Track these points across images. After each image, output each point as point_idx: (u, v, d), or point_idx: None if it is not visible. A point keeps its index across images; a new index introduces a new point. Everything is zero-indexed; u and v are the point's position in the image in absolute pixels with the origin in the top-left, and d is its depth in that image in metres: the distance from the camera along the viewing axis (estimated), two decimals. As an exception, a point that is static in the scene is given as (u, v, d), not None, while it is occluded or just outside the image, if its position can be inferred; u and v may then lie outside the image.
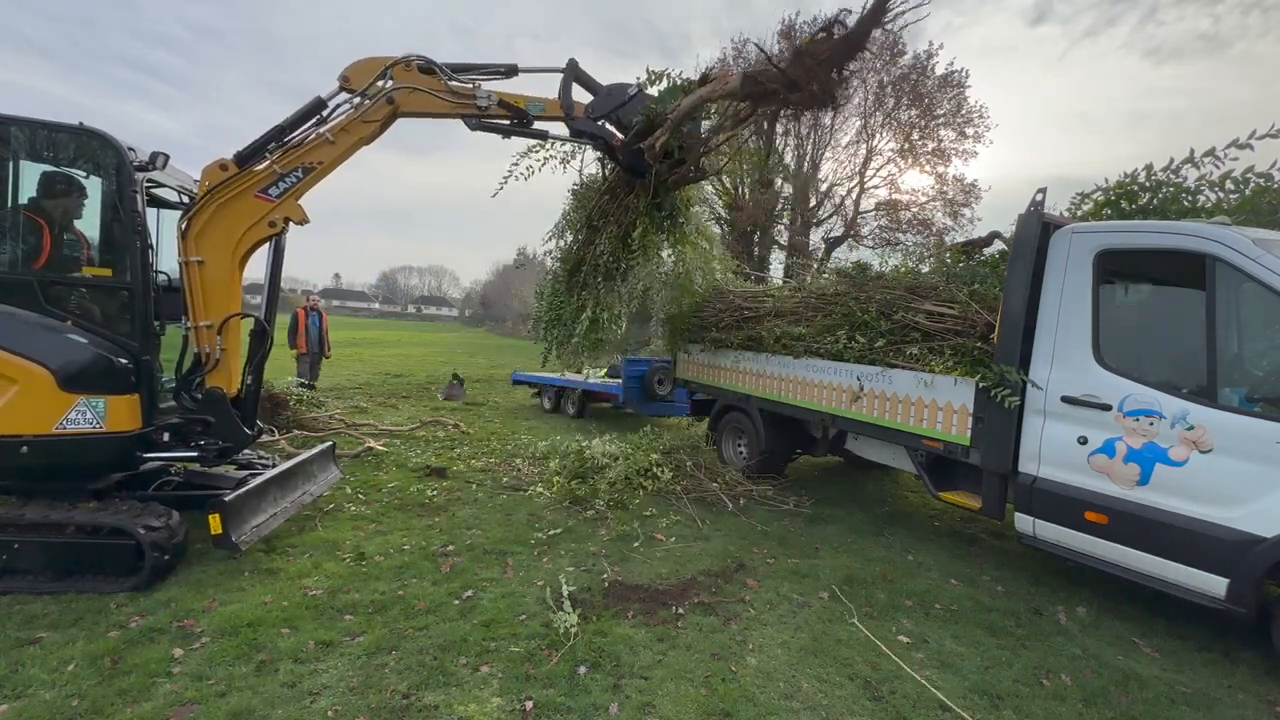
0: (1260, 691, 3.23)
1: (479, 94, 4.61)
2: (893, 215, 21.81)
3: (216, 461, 4.54)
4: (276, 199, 4.25)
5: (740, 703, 2.86)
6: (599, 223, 5.73)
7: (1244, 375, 3.47)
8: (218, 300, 4.22)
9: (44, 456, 3.75)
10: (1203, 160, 4.46)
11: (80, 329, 3.90)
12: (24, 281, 3.81)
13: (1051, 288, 4.06)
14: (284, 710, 2.67)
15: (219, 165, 4.18)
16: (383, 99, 4.43)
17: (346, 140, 4.39)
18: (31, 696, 2.70)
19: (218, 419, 4.31)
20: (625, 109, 4.87)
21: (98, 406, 3.82)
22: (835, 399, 5.58)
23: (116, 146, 3.96)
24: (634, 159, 4.99)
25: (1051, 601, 4.15)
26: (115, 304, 4.08)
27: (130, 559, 3.76)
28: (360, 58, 4.47)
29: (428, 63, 4.53)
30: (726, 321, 6.91)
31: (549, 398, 11.78)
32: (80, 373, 3.78)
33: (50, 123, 3.93)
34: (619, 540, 4.89)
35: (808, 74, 3.88)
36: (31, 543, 3.72)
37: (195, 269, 4.13)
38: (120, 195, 3.99)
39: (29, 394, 3.67)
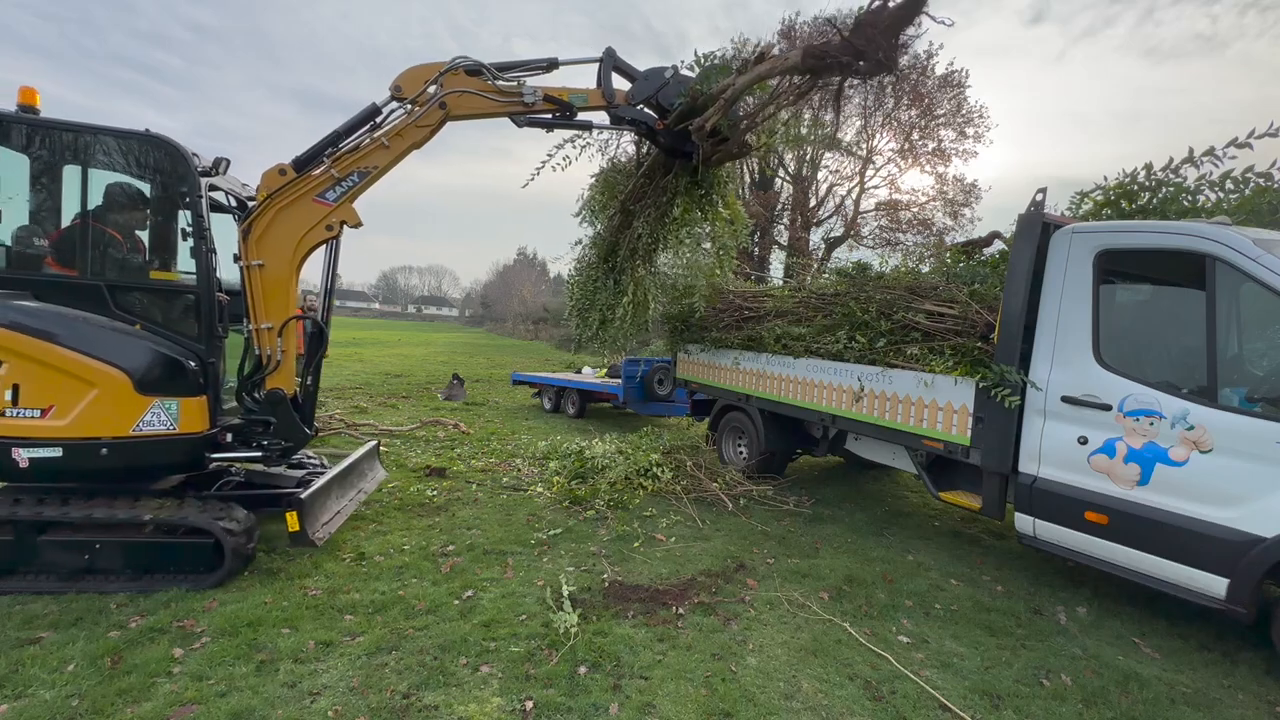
0: (1260, 691, 3.23)
1: (525, 91, 4.71)
2: (893, 215, 21.80)
3: (278, 461, 4.65)
4: (333, 203, 4.36)
5: (740, 703, 2.86)
6: (634, 206, 5.81)
7: (1244, 375, 3.47)
8: (278, 303, 4.32)
9: (122, 458, 3.82)
10: (1202, 160, 4.46)
11: (149, 333, 3.98)
12: (93, 286, 3.87)
13: (1051, 288, 4.06)
14: (284, 710, 2.68)
15: (278, 170, 4.29)
16: (435, 104, 4.54)
17: (400, 145, 4.50)
18: (31, 696, 2.70)
19: (279, 419, 4.40)
20: (664, 92, 4.96)
21: (171, 408, 3.92)
22: (835, 399, 5.58)
23: (182, 152, 4.04)
24: (676, 140, 5.10)
25: (1051, 601, 4.15)
26: (182, 308, 4.17)
27: (209, 557, 3.87)
28: (409, 66, 4.62)
29: (474, 64, 4.63)
30: (726, 321, 6.91)
31: (549, 398, 11.78)
32: (155, 376, 3.86)
33: (117, 129, 3.97)
34: (619, 540, 4.89)
35: (871, 42, 4.02)
36: (112, 543, 3.79)
37: (256, 272, 4.23)
38: (186, 200, 4.09)
39: (108, 397, 3.75)
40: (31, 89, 3.82)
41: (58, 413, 3.70)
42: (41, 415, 3.68)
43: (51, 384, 3.68)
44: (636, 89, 5.05)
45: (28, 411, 3.65)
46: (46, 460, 3.67)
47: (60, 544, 3.76)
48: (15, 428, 3.63)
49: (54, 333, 3.66)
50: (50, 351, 3.64)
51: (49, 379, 3.67)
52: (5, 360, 3.59)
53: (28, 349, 3.60)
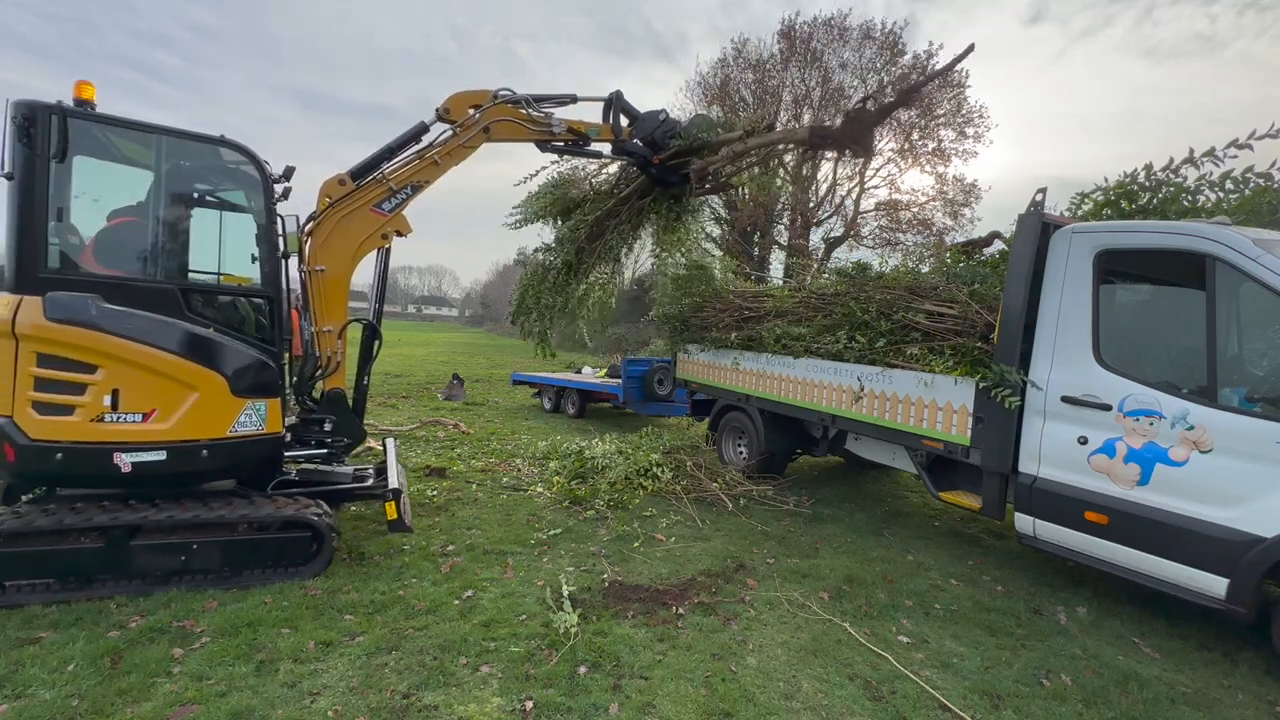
0: (1260, 691, 3.23)
1: (553, 123, 5.40)
2: (893, 215, 21.79)
3: (339, 458, 4.86)
4: (388, 213, 4.68)
5: (740, 703, 2.86)
6: (609, 222, 6.56)
7: (1244, 375, 3.47)
8: (338, 306, 4.57)
9: (220, 459, 3.90)
10: (1203, 160, 4.46)
11: (226, 336, 4.02)
12: (168, 290, 3.85)
13: (1051, 288, 4.06)
14: (284, 710, 2.67)
15: (338, 180, 4.56)
16: (480, 128, 5.03)
17: (448, 163, 4.93)
18: (31, 696, 2.70)
19: (339, 418, 4.66)
20: (659, 131, 5.84)
21: (260, 409, 4.03)
22: (835, 399, 5.58)
23: (256, 158, 4.10)
24: (665, 172, 6.04)
25: (1051, 601, 4.15)
26: (254, 311, 4.23)
27: (303, 549, 4.00)
28: (457, 91, 5.07)
29: (514, 96, 5.23)
30: (726, 321, 6.91)
31: (549, 398, 11.78)
32: (247, 378, 3.96)
33: (194, 133, 4.00)
34: (619, 540, 4.89)
35: (857, 133, 5.09)
36: (208, 543, 3.82)
37: (319, 277, 4.47)
38: (261, 206, 4.15)
39: (208, 400, 3.83)
40: (88, 84, 3.72)
41: (160, 416, 3.71)
42: (144, 419, 3.67)
43: (152, 388, 3.69)
44: (639, 127, 5.86)
45: (129, 416, 3.63)
46: (150, 464, 3.67)
47: (156, 547, 3.72)
48: (116, 433, 3.59)
49: (158, 338, 3.68)
50: (154, 356, 3.65)
51: (150, 383, 3.68)
52: (103, 365, 3.55)
53: (129, 354, 3.60)
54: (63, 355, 3.48)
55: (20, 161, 3.47)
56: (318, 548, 4.02)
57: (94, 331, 3.51)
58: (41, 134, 3.48)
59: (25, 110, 3.46)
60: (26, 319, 3.40)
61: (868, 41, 20.01)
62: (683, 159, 5.91)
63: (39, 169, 3.50)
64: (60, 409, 3.50)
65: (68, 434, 3.50)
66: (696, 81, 21.75)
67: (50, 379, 3.48)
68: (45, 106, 3.50)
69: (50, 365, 3.47)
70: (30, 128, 3.46)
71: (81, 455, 3.53)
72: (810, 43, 20.13)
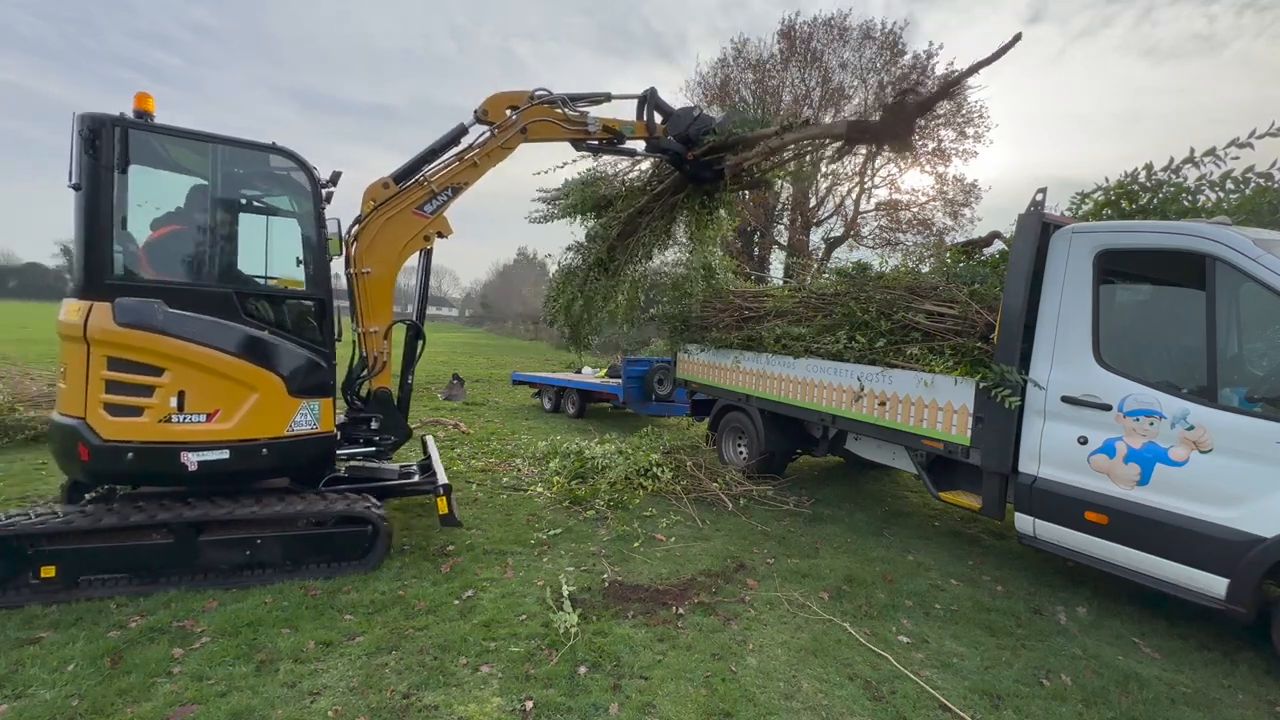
0: (1260, 691, 3.23)
1: (589, 122, 5.44)
2: (893, 215, 21.77)
3: (386, 455, 4.97)
4: (430, 215, 4.76)
5: (740, 703, 2.86)
6: (641, 219, 6.62)
7: (1244, 375, 3.47)
8: (383, 307, 4.67)
9: (278, 457, 4.04)
10: (1203, 160, 4.46)
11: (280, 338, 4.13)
12: (224, 294, 3.95)
13: (1052, 288, 4.06)
14: (284, 710, 2.68)
15: (381, 184, 4.64)
16: (517, 129, 5.07)
17: (487, 164, 4.98)
18: (31, 696, 2.70)
19: (386, 416, 4.78)
20: (693, 127, 5.84)
21: (314, 409, 4.19)
22: (835, 399, 5.58)
23: (306, 165, 4.22)
24: (698, 168, 6.03)
25: (1051, 601, 4.15)
26: (304, 314, 4.33)
27: (360, 543, 4.13)
28: (495, 92, 5.13)
29: (550, 96, 5.25)
30: (726, 321, 6.91)
31: (549, 398, 11.77)
32: (302, 378, 4.11)
33: (247, 141, 4.10)
34: (619, 540, 4.89)
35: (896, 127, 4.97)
36: (272, 538, 3.95)
37: (365, 279, 4.57)
38: (310, 211, 4.28)
39: (267, 400, 3.97)
40: (147, 95, 3.84)
41: (223, 416, 3.85)
42: (208, 419, 3.82)
43: (215, 389, 3.83)
44: (673, 123, 5.87)
45: (195, 416, 3.78)
46: (214, 462, 3.81)
47: (223, 543, 3.86)
48: (183, 433, 3.74)
49: (220, 340, 3.82)
50: (217, 358, 3.80)
51: (213, 384, 3.81)
52: (169, 368, 3.69)
53: (193, 356, 3.73)
54: (132, 359, 3.62)
55: (87, 172, 3.60)
56: (373, 542, 4.15)
57: (161, 335, 3.65)
58: (106, 145, 3.60)
59: (91, 123, 3.59)
60: (97, 324, 3.53)
61: (868, 41, 19.99)
62: (717, 155, 5.91)
63: (104, 179, 3.62)
64: (130, 410, 3.64)
65: (137, 434, 3.65)
66: (696, 81, 21.72)
67: (120, 382, 3.62)
68: (109, 119, 3.63)
69: (120, 368, 3.61)
70: (96, 139, 3.59)
71: (151, 455, 3.68)
72: (810, 43, 20.11)
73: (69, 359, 3.67)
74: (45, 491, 5.45)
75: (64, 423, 3.66)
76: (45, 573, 3.53)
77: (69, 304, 3.70)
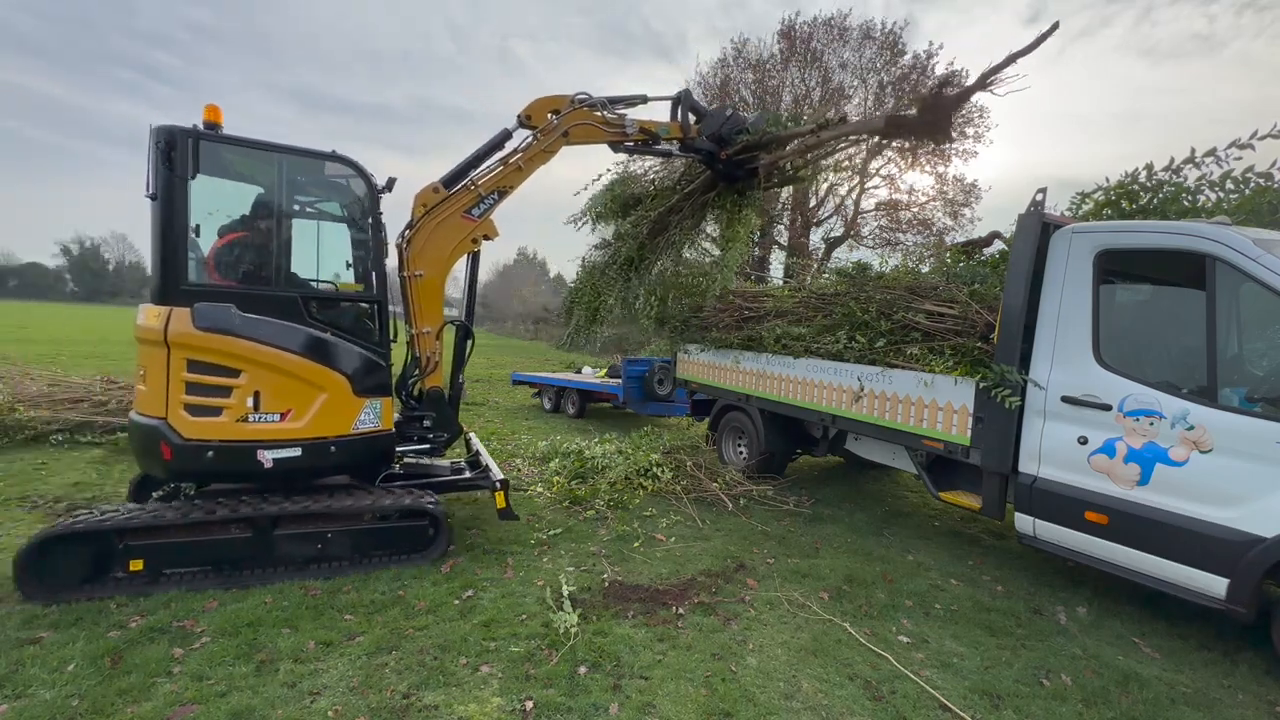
0: (1260, 691, 3.23)
1: (627, 124, 5.55)
2: (893, 215, 21.78)
3: (438, 452, 5.15)
4: (478, 219, 4.87)
5: (740, 703, 2.86)
6: (672, 218, 6.67)
7: (1244, 375, 3.47)
8: (434, 309, 4.79)
9: (345, 455, 4.22)
10: (1203, 160, 4.46)
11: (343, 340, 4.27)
12: (290, 298, 4.10)
13: (1052, 288, 4.06)
14: (284, 710, 2.67)
15: (432, 189, 4.75)
16: (559, 132, 5.18)
17: (531, 167, 5.08)
18: (31, 696, 2.70)
19: (438, 414, 4.91)
20: (725, 127, 5.93)
21: (376, 408, 4.35)
22: (835, 399, 5.58)
23: (364, 171, 4.37)
24: (731, 167, 6.10)
25: (1051, 601, 4.15)
26: (363, 316, 4.48)
27: (422, 536, 4.29)
28: (537, 97, 5.25)
29: (589, 98, 5.37)
30: (726, 321, 6.91)
31: (549, 398, 11.77)
32: (366, 378, 4.28)
33: (308, 150, 4.25)
34: (619, 540, 4.89)
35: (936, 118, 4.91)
36: (342, 532, 4.10)
37: (417, 282, 4.68)
38: (368, 217, 4.44)
39: (334, 399, 4.15)
40: (216, 107, 3.96)
41: (295, 415, 4.03)
42: (281, 419, 3.99)
43: (288, 389, 4.00)
44: (706, 124, 5.97)
45: (269, 416, 3.96)
46: (288, 460, 3.99)
47: (297, 537, 4.00)
48: (260, 431, 3.93)
49: (291, 343, 3.99)
50: (289, 360, 3.97)
51: (285, 385, 3.99)
52: (245, 370, 3.86)
53: (267, 358, 3.91)
54: (210, 361, 3.80)
55: (163, 182, 3.76)
56: (435, 535, 4.30)
57: (237, 338, 3.83)
58: (180, 156, 3.77)
59: (166, 135, 3.75)
60: (177, 328, 3.71)
61: (868, 41, 20.00)
62: (749, 154, 5.98)
63: (179, 189, 3.79)
64: (209, 410, 3.83)
65: (216, 433, 3.83)
66: (696, 81, 21.71)
67: (200, 383, 3.80)
68: (184, 131, 3.79)
69: (199, 370, 3.79)
70: (171, 151, 3.75)
71: (229, 453, 3.86)
72: (810, 43, 20.12)
73: (148, 362, 3.83)
74: (45, 491, 5.45)
75: (145, 423, 3.81)
76: (133, 566, 3.66)
77: (148, 309, 3.85)
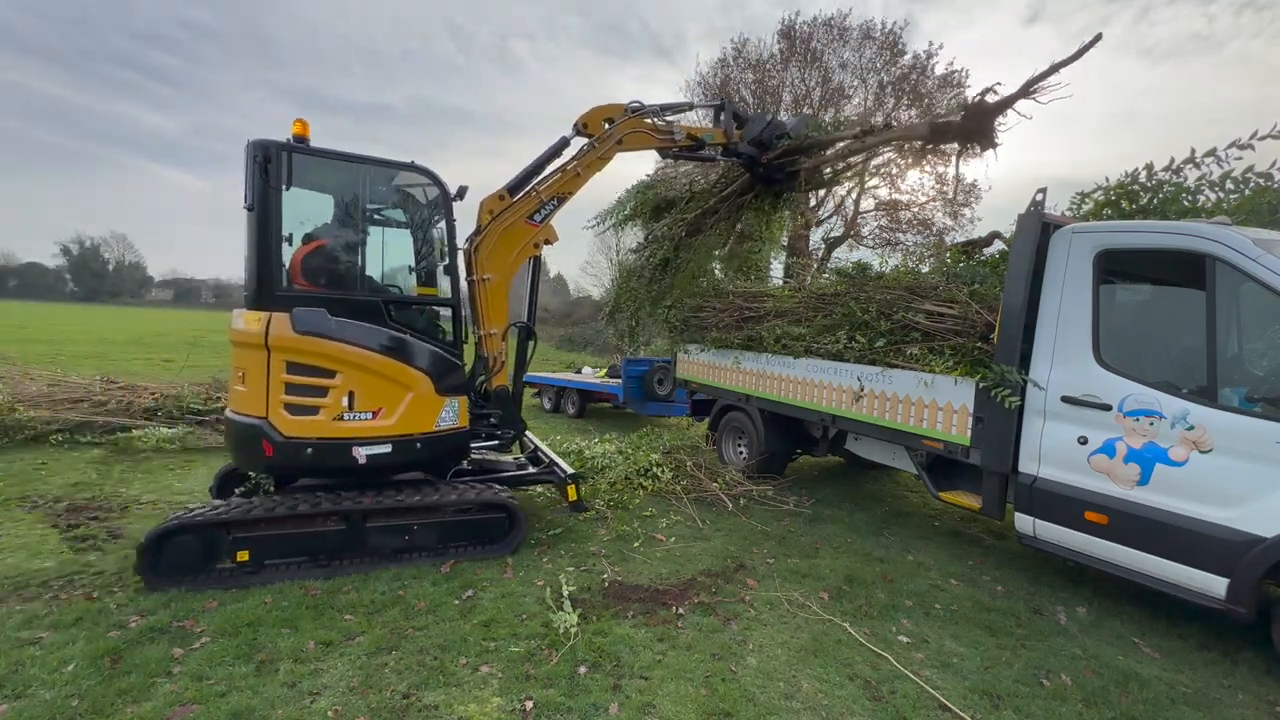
0: (1260, 691, 3.23)
1: (675, 131, 5.85)
2: (893, 215, 21.77)
3: (506, 448, 5.41)
4: (539, 224, 5.08)
5: (740, 703, 2.86)
6: (708, 220, 6.96)
7: (1244, 375, 3.47)
8: (501, 311, 4.97)
9: (428, 450, 4.44)
10: (1203, 160, 4.46)
11: (424, 341, 4.48)
12: (373, 302, 4.31)
13: (1051, 288, 4.05)
14: (284, 710, 2.67)
15: (497, 196, 4.94)
16: (614, 140, 5.43)
17: (588, 174, 5.30)
18: (31, 696, 2.70)
19: (505, 412, 5.11)
20: (766, 132, 6.21)
21: (455, 406, 4.57)
22: (835, 399, 5.58)
23: (439, 180, 4.57)
24: (772, 171, 6.38)
25: (1051, 601, 4.15)
26: (440, 318, 4.74)
27: (500, 529, 4.50)
28: (592, 106, 5.53)
29: (641, 107, 5.65)
30: (726, 321, 6.91)
31: (549, 398, 11.77)
32: (446, 378, 4.49)
33: (388, 160, 4.45)
34: (619, 540, 4.88)
35: (980, 124, 5.08)
36: (427, 524, 4.30)
37: (485, 285, 4.86)
38: (444, 223, 4.63)
39: (421, 398, 4.36)
40: (304, 121, 4.16)
41: (385, 414, 4.24)
42: (373, 417, 4.21)
43: (378, 389, 4.22)
44: (749, 129, 6.25)
45: (362, 415, 4.17)
46: (379, 456, 4.21)
47: (387, 529, 4.19)
48: (354, 429, 4.15)
49: (380, 344, 4.21)
50: (380, 361, 4.19)
51: (376, 385, 4.21)
52: (340, 370, 4.08)
53: (360, 359, 4.13)
54: (308, 363, 4.02)
55: (258, 194, 3.97)
56: (511, 527, 4.51)
57: (332, 341, 4.05)
58: (275, 168, 3.98)
59: (262, 149, 3.96)
60: (278, 332, 3.92)
61: (868, 41, 19.98)
62: (789, 157, 6.22)
63: (273, 200, 4.00)
64: (308, 410, 4.04)
65: (314, 431, 4.05)
66: (696, 81, 21.72)
67: (298, 384, 4.01)
68: (278, 145, 4.01)
69: (298, 372, 4.00)
70: (267, 163, 3.96)
71: (326, 450, 4.09)
72: (810, 43, 20.11)
73: (248, 364, 4.04)
74: (45, 491, 5.46)
75: (245, 421, 4.03)
76: (240, 557, 3.83)
77: (246, 314, 4.04)
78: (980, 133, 5.09)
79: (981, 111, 5.01)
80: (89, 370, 10.69)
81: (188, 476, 6.21)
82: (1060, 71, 4.44)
